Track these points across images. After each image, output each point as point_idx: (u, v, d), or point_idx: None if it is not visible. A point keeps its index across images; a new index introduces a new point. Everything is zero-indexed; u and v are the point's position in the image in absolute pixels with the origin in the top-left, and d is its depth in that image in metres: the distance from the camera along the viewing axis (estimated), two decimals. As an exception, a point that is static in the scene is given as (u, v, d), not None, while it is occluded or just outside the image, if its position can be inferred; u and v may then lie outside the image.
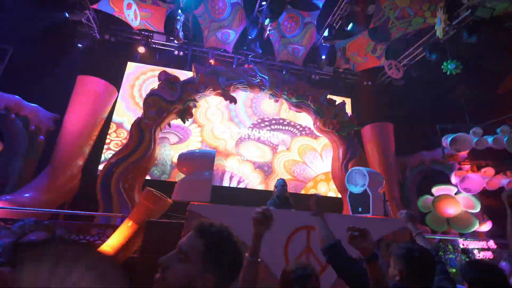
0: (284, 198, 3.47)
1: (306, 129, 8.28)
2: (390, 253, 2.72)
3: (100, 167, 6.23)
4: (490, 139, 5.98)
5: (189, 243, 0.79)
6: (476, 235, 5.55)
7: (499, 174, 5.86)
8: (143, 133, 5.40)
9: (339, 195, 6.76)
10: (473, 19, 6.12)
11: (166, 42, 7.57)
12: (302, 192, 7.51)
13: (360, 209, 3.47)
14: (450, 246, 4.40)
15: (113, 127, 6.92)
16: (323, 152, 8.13)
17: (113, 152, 5.83)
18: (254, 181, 7.36)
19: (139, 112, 6.84)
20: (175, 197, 3.23)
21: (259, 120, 8.03)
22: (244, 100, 7.97)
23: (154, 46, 7.60)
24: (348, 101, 8.77)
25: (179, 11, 6.69)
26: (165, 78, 5.91)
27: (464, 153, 6.34)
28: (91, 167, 6.20)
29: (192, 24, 7.40)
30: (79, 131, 5.59)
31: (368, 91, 8.89)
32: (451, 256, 4.17)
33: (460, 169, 6.10)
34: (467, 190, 5.69)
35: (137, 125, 5.48)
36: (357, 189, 3.67)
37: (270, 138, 7.89)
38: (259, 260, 1.19)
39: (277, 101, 6.59)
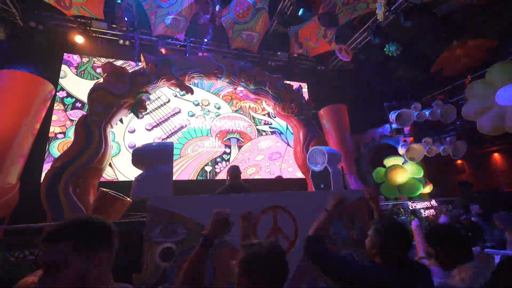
0: (236, 186, 3.27)
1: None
2: (352, 223, 2.91)
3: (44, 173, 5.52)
4: (427, 112, 6.73)
5: (52, 254, 0.75)
6: (421, 197, 6.30)
7: (436, 142, 6.66)
8: (91, 131, 4.89)
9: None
10: (407, 5, 6.70)
11: (108, 30, 6.85)
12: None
13: (322, 186, 3.64)
14: (402, 209, 4.91)
15: (54, 128, 6.14)
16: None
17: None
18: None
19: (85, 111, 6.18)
20: (133, 195, 3.01)
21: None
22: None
23: (94, 35, 6.81)
24: (304, 85, 9.07)
25: (118, -6, 6.08)
26: (110, 70, 5.38)
27: (407, 127, 7.05)
28: (33, 175, 5.47)
29: (136, 9, 6.79)
30: (7, 136, 4.82)
31: (322, 75, 9.27)
32: (403, 217, 4.67)
33: (405, 141, 6.77)
34: (411, 159, 6.37)
35: (83, 123, 4.93)
36: (317, 168, 3.83)
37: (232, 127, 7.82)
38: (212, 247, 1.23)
39: (235, 88, 6.51)
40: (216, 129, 7.62)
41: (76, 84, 6.59)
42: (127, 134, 6.66)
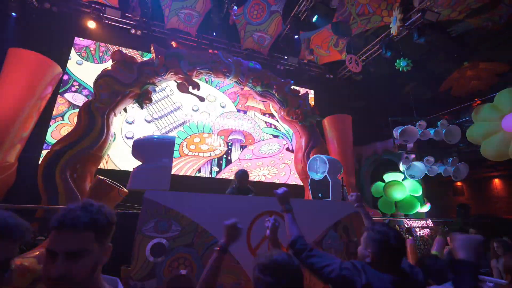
0: (244, 190, 3.38)
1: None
2: (347, 235, 2.87)
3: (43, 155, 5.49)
4: (432, 131, 6.69)
5: (78, 241, 0.75)
6: (418, 216, 6.24)
7: (438, 162, 6.62)
8: (94, 117, 4.88)
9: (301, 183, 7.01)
10: (422, 22, 6.68)
11: (121, 18, 6.85)
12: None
13: (320, 195, 3.60)
14: (397, 226, 4.86)
15: (59, 110, 6.13)
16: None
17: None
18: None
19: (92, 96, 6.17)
20: (130, 186, 2.98)
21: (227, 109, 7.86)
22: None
23: (107, 22, 6.82)
24: (311, 92, 9.04)
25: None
26: (119, 58, 5.38)
27: (411, 144, 7.01)
28: (31, 156, 5.45)
29: (151, 1, 6.80)
30: (11, 114, 4.80)
31: (329, 84, 9.25)
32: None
33: (407, 158, 6.73)
34: (412, 176, 6.33)
35: (87, 108, 4.93)
36: (317, 176, 3.79)
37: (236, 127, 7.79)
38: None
39: (242, 88, 6.49)
40: (219, 127, 7.58)
41: (79, 68, 6.58)
42: (125, 124, 6.63)
